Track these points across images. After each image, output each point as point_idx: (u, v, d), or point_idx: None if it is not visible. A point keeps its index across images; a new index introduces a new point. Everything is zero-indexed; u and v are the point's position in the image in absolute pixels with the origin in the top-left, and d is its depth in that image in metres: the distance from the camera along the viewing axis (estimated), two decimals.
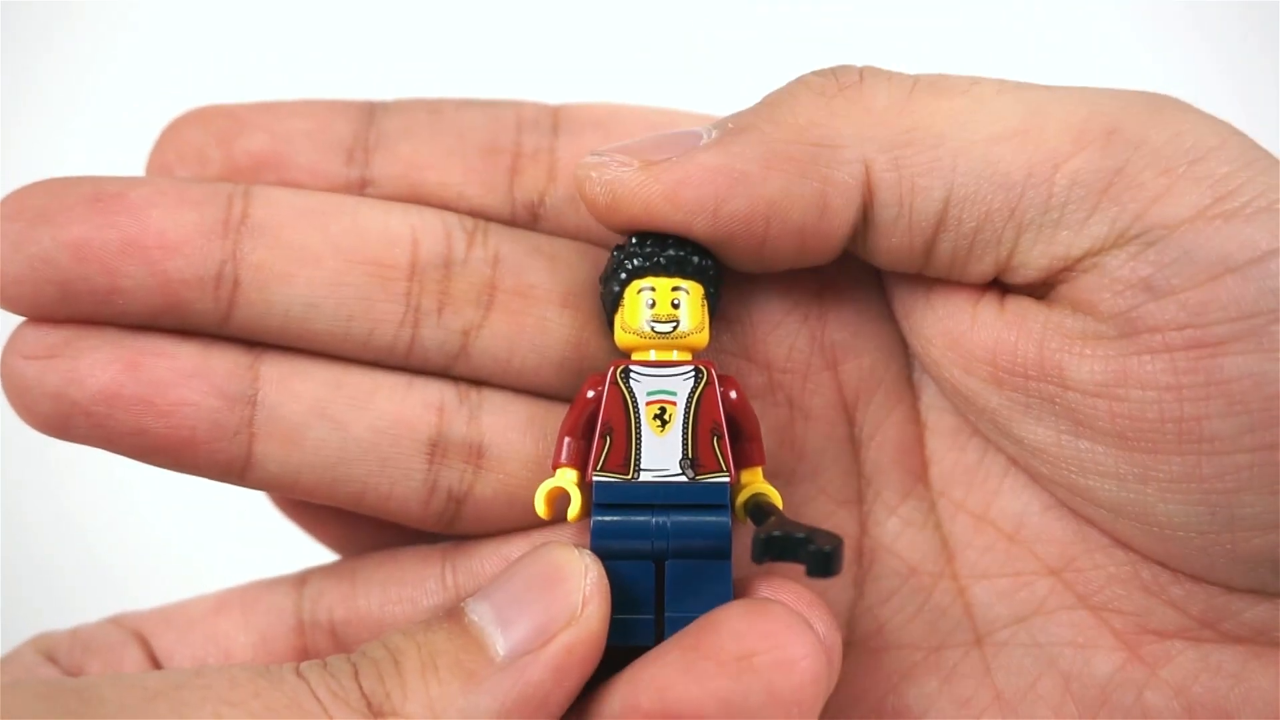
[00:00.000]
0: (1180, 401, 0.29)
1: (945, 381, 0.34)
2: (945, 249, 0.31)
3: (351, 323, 0.33)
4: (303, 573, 0.37)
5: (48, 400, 0.31)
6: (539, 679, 0.28)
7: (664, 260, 0.32)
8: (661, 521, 0.31)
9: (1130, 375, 0.30)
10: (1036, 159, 0.30)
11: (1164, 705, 0.32)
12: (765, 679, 0.27)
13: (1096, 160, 0.29)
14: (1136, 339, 0.30)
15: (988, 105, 0.30)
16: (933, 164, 0.30)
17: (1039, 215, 0.30)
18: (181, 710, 0.26)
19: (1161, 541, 0.31)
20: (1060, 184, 0.30)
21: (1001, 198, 0.30)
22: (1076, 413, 0.31)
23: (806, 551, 0.28)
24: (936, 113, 0.31)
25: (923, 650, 0.34)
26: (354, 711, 0.27)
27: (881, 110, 0.31)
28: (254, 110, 0.35)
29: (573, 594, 0.29)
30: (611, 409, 0.32)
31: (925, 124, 0.30)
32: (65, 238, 0.31)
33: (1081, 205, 0.30)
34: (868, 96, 0.31)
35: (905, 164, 0.30)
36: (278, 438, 0.32)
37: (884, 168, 0.31)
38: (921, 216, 0.31)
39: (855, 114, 0.31)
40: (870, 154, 0.31)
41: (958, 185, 0.30)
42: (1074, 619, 0.33)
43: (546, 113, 0.36)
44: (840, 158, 0.31)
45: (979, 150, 0.30)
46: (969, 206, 0.30)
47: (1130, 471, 0.30)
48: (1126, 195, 0.29)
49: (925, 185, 0.30)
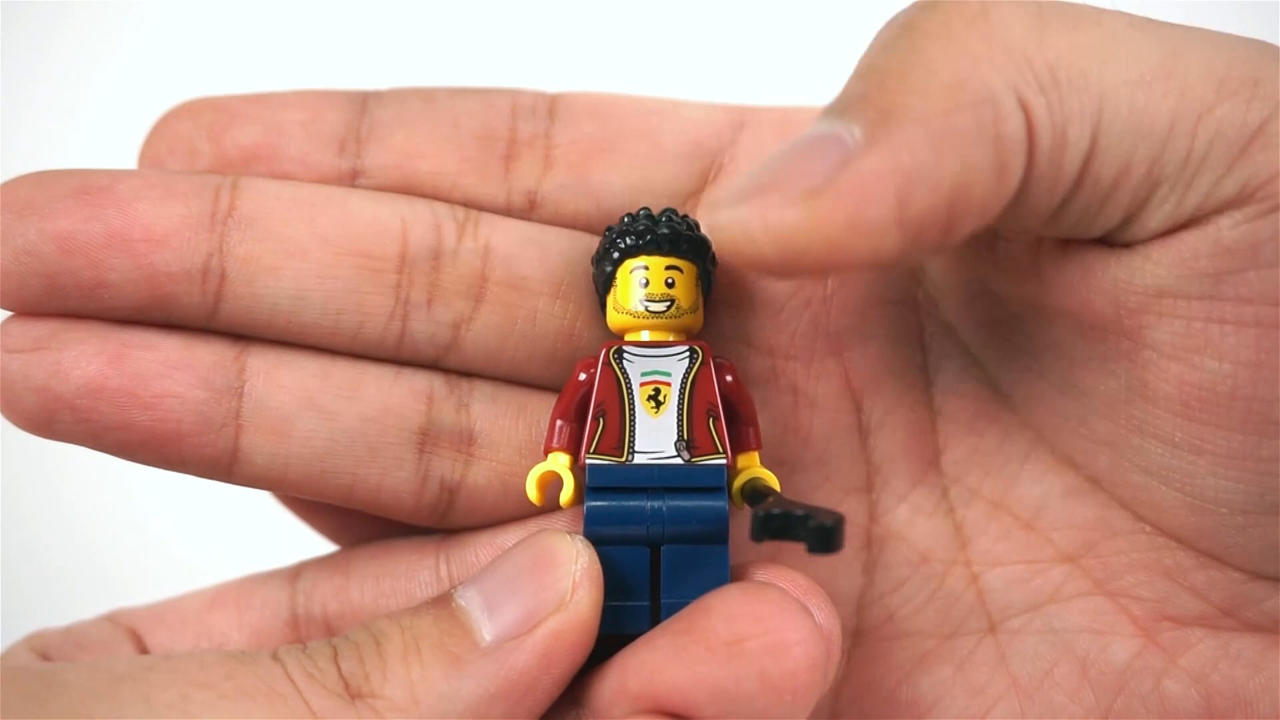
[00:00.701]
0: (1256, 381, 0.28)
1: (1012, 318, 0.32)
2: (1076, 208, 0.28)
3: (340, 316, 0.32)
4: (296, 566, 0.36)
5: (32, 394, 0.31)
6: (525, 664, 0.27)
7: (658, 238, 0.32)
8: (657, 506, 0.30)
9: (1210, 343, 0.28)
10: (1182, 106, 0.27)
11: (1182, 693, 0.31)
12: (757, 664, 0.27)
13: (1241, 112, 0.27)
14: (1223, 305, 0.28)
15: (1125, 41, 0.27)
16: (1081, 108, 0.27)
17: (1176, 170, 0.27)
18: (148, 694, 0.25)
19: (1197, 516, 0.30)
20: (1202, 136, 0.27)
21: (1145, 149, 0.27)
22: (1146, 372, 0.29)
23: (806, 528, 0.27)
24: (1076, 47, 0.27)
25: (935, 638, 0.34)
26: (330, 693, 0.26)
27: (1021, 45, 0.27)
28: (245, 102, 0.35)
29: (562, 580, 0.28)
30: (605, 390, 0.31)
31: (1068, 61, 0.27)
32: (51, 230, 0.31)
33: (1220, 161, 0.27)
34: (1001, 30, 0.27)
35: (1057, 110, 0.27)
36: (265, 429, 0.32)
37: (1040, 112, 0.27)
38: (1068, 170, 0.27)
39: (997, 55, 0.26)
40: (1027, 97, 0.26)
41: (1103, 133, 0.27)
42: (1091, 605, 0.33)
43: (543, 100, 0.36)
44: (1004, 111, 0.26)
45: (1125, 94, 0.27)
46: (1110, 159, 0.27)
47: (1186, 440, 0.29)
48: (1263, 155, 0.27)
49: (1076, 134, 0.27)
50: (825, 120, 0.26)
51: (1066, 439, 0.33)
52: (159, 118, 0.35)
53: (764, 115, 0.36)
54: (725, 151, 0.35)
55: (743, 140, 0.35)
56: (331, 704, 0.26)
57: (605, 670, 0.29)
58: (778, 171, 0.26)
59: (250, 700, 0.26)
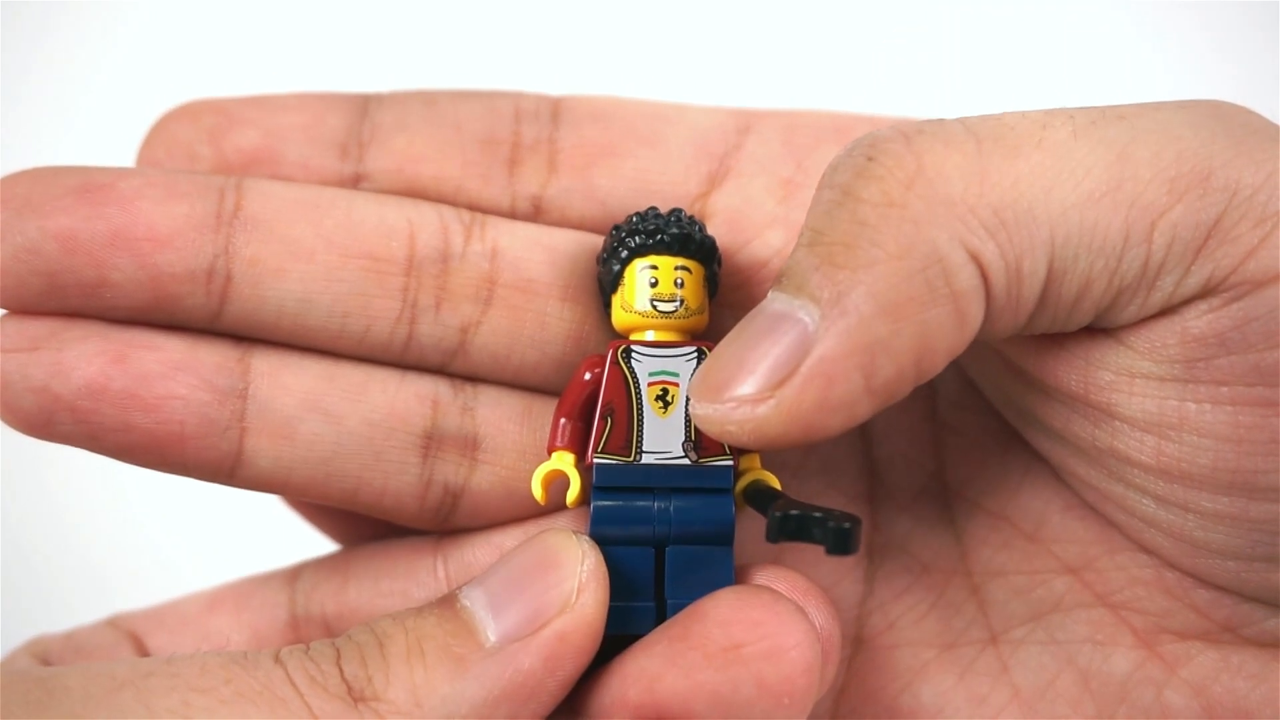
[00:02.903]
0: (1239, 455, 0.28)
1: (990, 389, 0.33)
2: (1043, 323, 0.29)
3: (347, 319, 0.32)
4: (296, 567, 0.36)
5: (31, 395, 0.30)
6: (530, 666, 0.27)
7: (668, 238, 0.31)
8: (663, 506, 0.30)
9: (1187, 421, 0.28)
10: (1133, 216, 0.27)
11: (1184, 705, 0.31)
12: (754, 670, 0.27)
13: (1194, 213, 0.27)
14: (1198, 386, 0.28)
15: (1068, 158, 0.27)
16: (1032, 242, 0.27)
17: (1136, 278, 0.28)
18: (148, 699, 0.25)
19: (1192, 558, 0.30)
20: (1159, 242, 0.27)
21: (1102, 264, 0.27)
22: (1116, 440, 0.30)
23: (825, 529, 0.27)
24: (1019, 180, 0.27)
25: (936, 647, 0.34)
26: (332, 696, 0.26)
27: (961, 196, 0.27)
28: (245, 105, 0.35)
29: (567, 580, 0.28)
30: (612, 389, 0.31)
31: (1012, 198, 0.27)
32: (52, 228, 0.30)
33: (1180, 262, 0.27)
34: (939, 184, 0.27)
35: (1008, 249, 0.27)
36: (269, 432, 0.32)
37: (992, 257, 0.27)
38: (1028, 298, 0.28)
39: (939, 213, 0.27)
40: (974, 247, 0.27)
41: (1057, 258, 0.27)
42: (1092, 616, 0.32)
43: (546, 104, 0.35)
44: (953, 267, 0.27)
45: (1074, 216, 0.27)
46: (1069, 279, 0.28)
47: (1170, 496, 0.29)
48: (1221, 250, 0.27)
49: (1030, 268, 0.27)
50: (780, 296, 0.27)
51: (1061, 463, 0.33)
52: (157, 119, 0.35)
53: (768, 118, 0.35)
54: (730, 154, 0.35)
55: (747, 143, 0.35)
56: (333, 707, 0.26)
57: (602, 677, 0.28)
58: (744, 360, 0.27)
59: (251, 704, 0.25)
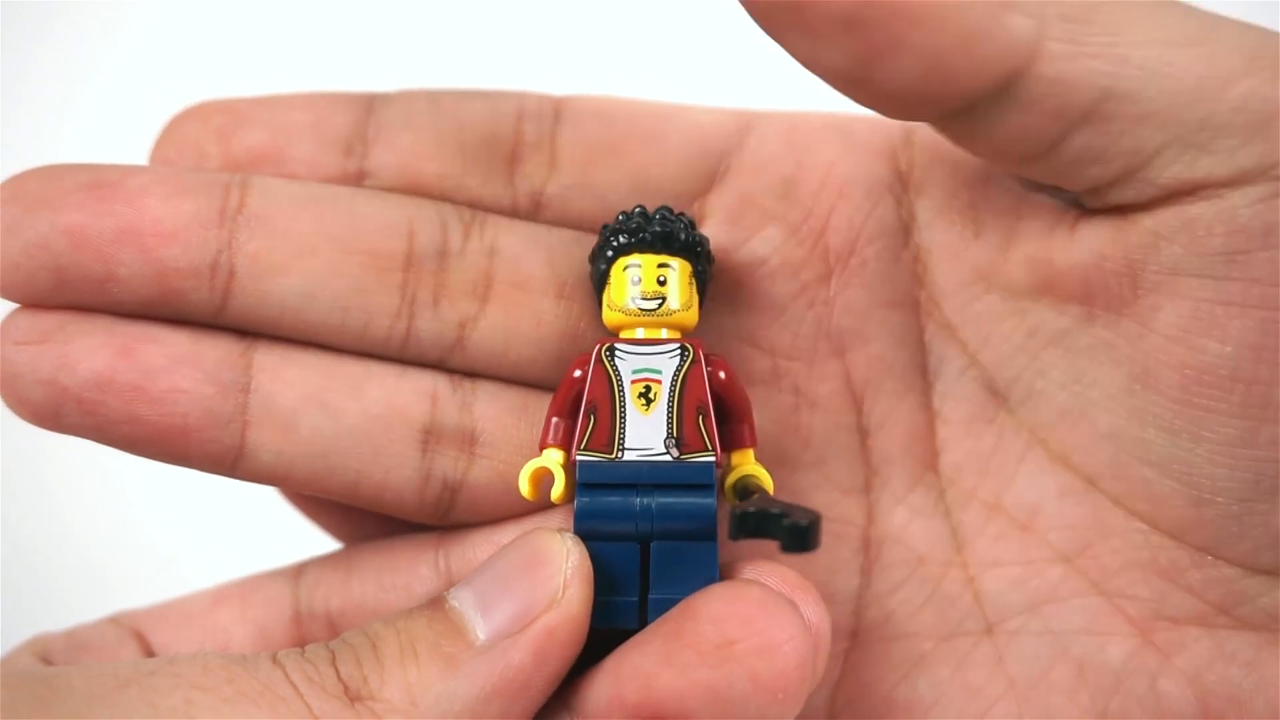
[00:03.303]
0: (1256, 363, 0.28)
1: (1018, 313, 0.33)
2: (1078, 144, 0.29)
3: (347, 314, 0.33)
4: (299, 564, 0.37)
5: (39, 387, 0.31)
6: (519, 662, 0.28)
7: (649, 236, 0.32)
8: (646, 502, 0.31)
9: (1216, 326, 0.29)
10: (1209, 72, 0.28)
11: (1178, 693, 0.31)
12: (748, 666, 0.27)
13: (1267, 87, 0.28)
14: (1232, 286, 0.28)
15: (1165, 11, 0.29)
16: (1109, 48, 0.28)
17: (1193, 132, 0.28)
18: (152, 698, 0.25)
19: (1195, 506, 0.31)
20: (1225, 104, 0.28)
21: (1166, 103, 0.28)
22: (1150, 358, 0.30)
23: (781, 526, 0.27)
24: (1119, 6, 0.28)
25: (932, 639, 0.34)
26: (330, 696, 0.27)
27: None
28: (253, 105, 0.35)
29: (554, 577, 0.29)
30: (596, 387, 0.31)
31: (1108, 14, 0.28)
32: (62, 224, 0.31)
33: (1240, 132, 0.28)
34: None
35: (1081, 39, 0.28)
36: (271, 426, 0.32)
37: (1058, 37, 0.28)
38: (1076, 100, 0.28)
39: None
40: (1048, 17, 0.28)
41: (1125, 77, 0.28)
42: (1087, 606, 0.33)
43: (548, 103, 0.36)
44: (1016, 14, 0.27)
45: (1155, 51, 0.28)
46: (1129, 102, 0.28)
47: (1186, 427, 0.30)
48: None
49: (1095, 67, 0.28)
50: None
51: (1065, 436, 0.33)
52: (168, 121, 0.35)
53: (768, 118, 0.36)
54: (731, 154, 0.35)
55: (749, 143, 0.35)
56: (331, 706, 0.27)
57: (596, 675, 0.29)
58: None
59: (252, 703, 0.26)
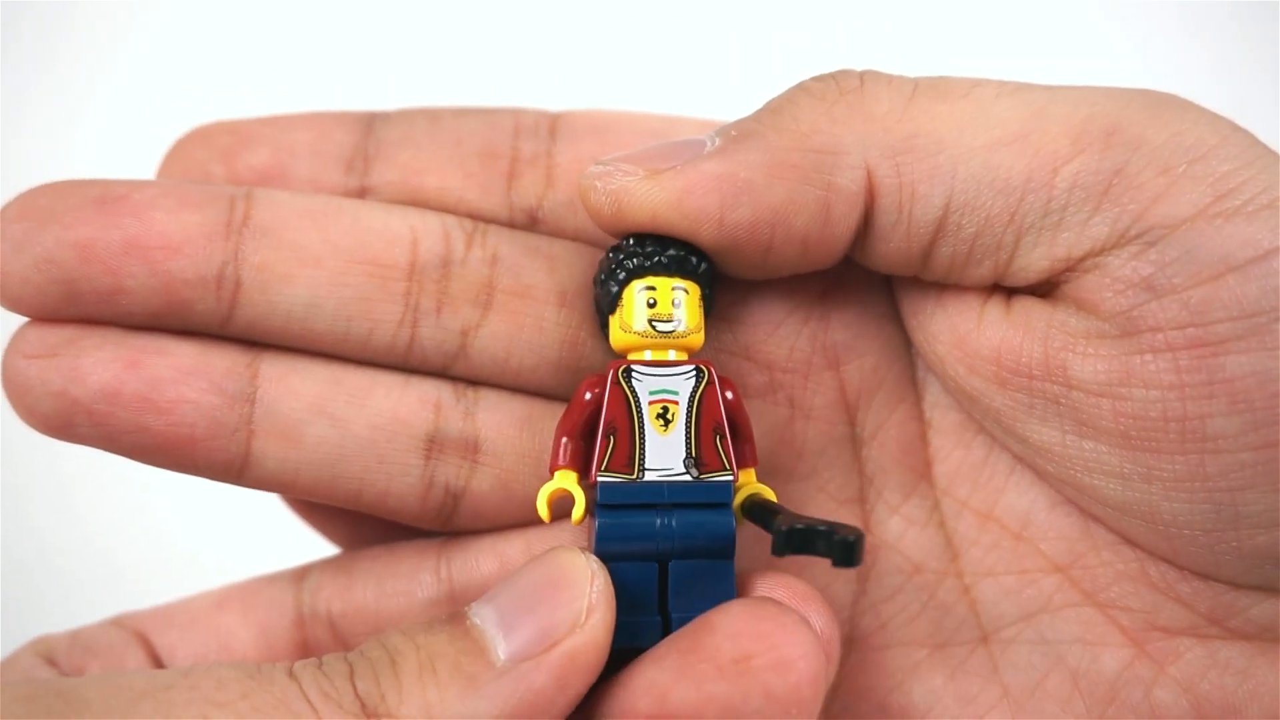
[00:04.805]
0: (1183, 400, 0.29)
1: (950, 380, 0.34)
2: (944, 254, 0.31)
3: (351, 323, 0.33)
4: (302, 567, 0.37)
5: (50, 399, 0.31)
6: (540, 685, 0.27)
7: (666, 260, 0.32)
8: (666, 521, 0.31)
9: (1133, 374, 0.30)
10: (1036, 163, 0.30)
11: (1172, 702, 0.32)
12: (762, 681, 0.27)
13: (1096, 162, 0.30)
14: (1139, 338, 0.30)
15: (988, 109, 0.31)
16: (933, 170, 0.30)
17: (1039, 219, 0.30)
18: (168, 711, 0.25)
19: (1167, 539, 0.31)
20: (1060, 187, 0.30)
21: (1001, 203, 0.30)
22: (1080, 412, 0.31)
23: (831, 542, 0.28)
24: (937, 118, 0.31)
25: (927, 648, 0.34)
26: (346, 713, 0.26)
27: (883, 116, 0.31)
28: (256, 125, 0.36)
29: (578, 600, 0.28)
30: (614, 409, 0.32)
31: (926, 130, 0.31)
32: (70, 238, 0.31)
33: (1082, 207, 0.30)
34: (869, 102, 0.31)
35: (906, 170, 0.31)
36: (277, 435, 0.32)
37: (886, 174, 0.31)
38: (921, 222, 0.31)
39: (857, 120, 0.31)
40: (872, 160, 0.31)
41: (958, 191, 0.30)
42: (1081, 616, 0.33)
43: (545, 119, 0.36)
44: (843, 164, 0.31)
45: (979, 156, 0.30)
46: (969, 213, 0.31)
47: (1135, 471, 0.30)
48: (1126, 196, 0.29)
49: (926, 192, 0.31)
50: (711, 132, 0.32)
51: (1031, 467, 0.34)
52: (174, 143, 0.36)
53: None
54: None
55: None
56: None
57: (612, 689, 0.29)
58: (647, 153, 0.32)
59: (268, 719, 0.26)
